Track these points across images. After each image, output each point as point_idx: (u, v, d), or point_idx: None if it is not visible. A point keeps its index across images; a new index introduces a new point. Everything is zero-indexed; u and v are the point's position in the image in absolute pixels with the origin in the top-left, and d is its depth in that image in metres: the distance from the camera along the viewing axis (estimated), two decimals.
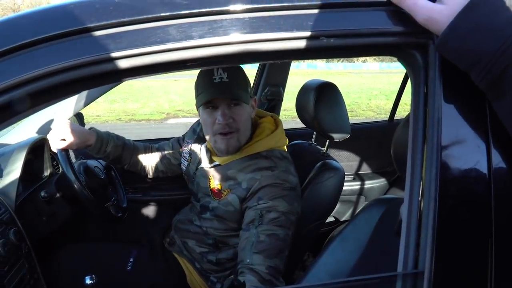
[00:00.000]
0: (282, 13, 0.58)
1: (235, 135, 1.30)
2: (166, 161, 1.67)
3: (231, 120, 1.27)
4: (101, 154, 1.54)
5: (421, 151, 0.61)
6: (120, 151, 1.57)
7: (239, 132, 1.30)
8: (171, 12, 0.55)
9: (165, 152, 1.66)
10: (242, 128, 1.31)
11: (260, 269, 1.14)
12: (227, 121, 1.27)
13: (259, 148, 1.34)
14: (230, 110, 1.27)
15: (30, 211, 1.43)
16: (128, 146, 1.61)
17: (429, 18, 0.58)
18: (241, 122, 1.30)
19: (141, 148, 1.66)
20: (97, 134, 1.51)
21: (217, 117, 1.27)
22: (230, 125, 1.28)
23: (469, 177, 0.60)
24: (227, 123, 1.27)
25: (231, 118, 1.27)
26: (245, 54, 0.58)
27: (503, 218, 0.60)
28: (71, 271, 1.43)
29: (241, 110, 1.29)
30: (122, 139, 1.61)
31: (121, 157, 1.59)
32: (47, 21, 0.54)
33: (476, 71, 0.56)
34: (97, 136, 1.50)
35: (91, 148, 1.51)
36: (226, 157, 1.36)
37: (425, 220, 0.59)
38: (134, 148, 1.63)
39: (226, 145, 1.31)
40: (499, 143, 0.60)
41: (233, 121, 1.28)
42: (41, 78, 0.51)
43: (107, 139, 1.53)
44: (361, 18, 0.60)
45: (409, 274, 0.58)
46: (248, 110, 1.33)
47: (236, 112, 1.28)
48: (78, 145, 1.45)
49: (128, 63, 0.54)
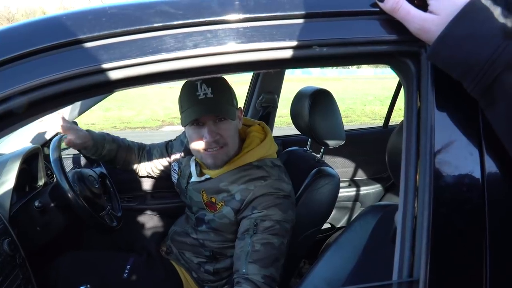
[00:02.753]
0: (275, 22, 0.58)
1: (224, 149, 1.29)
2: (153, 166, 1.70)
3: (218, 136, 1.26)
4: (97, 156, 1.58)
5: (415, 158, 0.61)
6: (114, 153, 1.61)
7: (228, 146, 1.29)
8: (165, 22, 0.55)
9: (154, 157, 1.69)
10: (230, 142, 1.30)
11: (255, 278, 1.13)
12: (215, 138, 1.25)
13: (250, 158, 1.33)
14: (216, 126, 1.26)
15: (24, 221, 1.42)
16: (122, 148, 1.64)
17: (421, 28, 0.59)
18: (229, 137, 1.29)
19: (135, 149, 1.68)
20: (93, 137, 1.54)
21: (204, 134, 1.25)
22: (218, 141, 1.27)
23: (463, 184, 0.61)
24: (214, 139, 1.25)
25: (218, 135, 1.26)
26: (239, 64, 0.58)
27: (497, 225, 0.60)
28: (67, 280, 1.42)
29: (227, 125, 1.28)
30: (117, 141, 1.63)
31: (115, 159, 1.63)
32: (40, 33, 0.54)
33: (468, 79, 0.56)
34: (93, 141, 1.53)
35: (87, 150, 1.54)
36: (217, 170, 1.35)
37: (419, 228, 0.59)
38: (127, 149, 1.66)
39: (214, 160, 1.30)
40: (492, 150, 0.61)
41: (221, 137, 1.27)
42: (35, 89, 0.51)
43: (103, 143, 1.56)
44: (354, 27, 0.61)
45: (404, 283, 0.58)
46: (234, 124, 1.31)
47: (223, 127, 1.27)
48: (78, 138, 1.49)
49: (121, 73, 0.54)
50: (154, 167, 1.69)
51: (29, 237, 1.41)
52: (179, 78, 0.59)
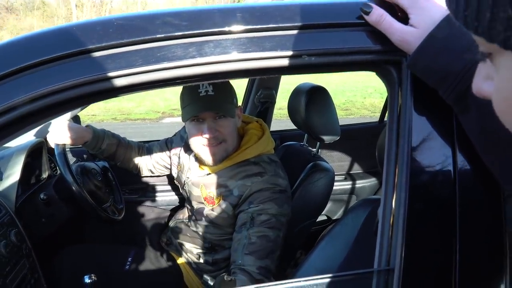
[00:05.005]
0: (268, 34, 0.63)
1: (222, 145, 1.34)
2: (154, 162, 1.71)
3: (217, 133, 1.31)
4: (96, 150, 1.59)
5: (394, 158, 0.67)
6: (114, 148, 1.62)
7: (226, 142, 1.34)
8: (167, 34, 0.60)
9: (154, 153, 1.71)
10: (228, 139, 1.34)
11: (251, 269, 1.18)
12: (214, 134, 1.30)
13: (248, 155, 1.37)
14: (216, 123, 1.31)
15: (30, 213, 1.47)
16: (122, 144, 1.66)
17: (402, 39, 0.64)
18: (228, 134, 1.33)
19: (135, 147, 1.70)
20: (94, 131, 1.56)
21: (204, 130, 1.30)
22: (217, 137, 1.32)
23: (436, 182, 0.66)
24: (213, 136, 1.30)
25: (217, 131, 1.31)
26: (235, 71, 0.63)
27: (466, 220, 0.66)
28: (71, 271, 1.47)
29: (226, 122, 1.32)
30: (117, 137, 1.66)
31: (115, 154, 1.63)
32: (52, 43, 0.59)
33: (443, 87, 0.61)
34: (93, 134, 1.55)
35: (87, 145, 1.55)
36: (216, 166, 1.39)
37: (396, 222, 0.64)
38: (128, 146, 1.68)
39: (213, 155, 1.35)
40: (464, 151, 0.66)
41: (219, 134, 1.32)
42: (47, 95, 0.56)
43: (103, 137, 1.58)
44: (342, 37, 0.65)
45: (382, 271, 0.64)
46: (234, 121, 1.36)
47: (222, 124, 1.32)
48: (75, 141, 1.50)
49: (126, 81, 0.59)
50: (155, 163, 1.71)
51: (35, 228, 1.46)
52: (180, 84, 0.64)
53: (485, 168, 0.62)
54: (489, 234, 0.68)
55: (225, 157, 1.37)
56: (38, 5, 34.71)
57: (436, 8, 0.62)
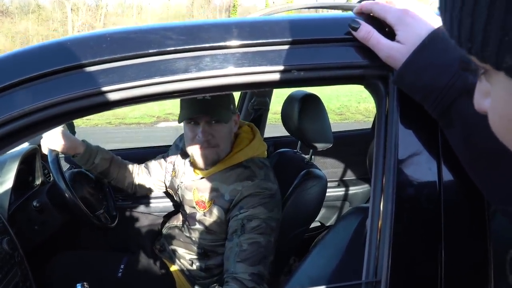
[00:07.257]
0: (259, 49, 0.65)
1: (214, 150, 1.36)
2: (155, 180, 1.70)
3: (210, 136, 1.34)
4: (89, 165, 1.57)
5: (382, 171, 0.68)
6: (107, 164, 1.61)
7: (219, 147, 1.37)
8: (159, 48, 0.61)
9: (152, 172, 1.70)
10: (221, 144, 1.37)
11: (243, 277, 1.19)
12: (207, 138, 1.33)
13: (239, 158, 1.39)
14: (210, 127, 1.33)
15: (22, 220, 1.47)
16: (115, 161, 1.65)
17: (389, 55, 0.66)
18: (221, 139, 1.36)
19: (129, 166, 1.69)
20: (87, 145, 1.56)
21: (198, 133, 1.33)
22: (210, 142, 1.34)
23: (422, 194, 0.68)
24: (206, 139, 1.33)
25: (210, 135, 1.33)
26: (227, 86, 0.65)
27: (451, 233, 0.67)
28: (63, 278, 1.47)
29: (221, 127, 1.35)
30: (111, 154, 1.65)
31: (108, 171, 1.62)
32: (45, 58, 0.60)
33: (428, 102, 0.63)
34: (87, 147, 1.55)
35: (79, 158, 1.54)
36: (208, 170, 1.41)
37: (383, 234, 0.66)
38: (121, 163, 1.67)
39: (205, 158, 1.37)
40: (449, 164, 0.68)
41: (213, 138, 1.34)
42: (40, 110, 0.57)
43: (96, 151, 1.57)
44: (330, 52, 0.67)
45: (370, 283, 0.65)
46: (229, 127, 1.38)
47: (216, 129, 1.34)
48: (68, 150, 1.49)
49: (118, 95, 0.60)
50: (156, 180, 1.69)
51: (27, 235, 1.46)
52: (174, 98, 0.66)
53: (470, 181, 0.63)
54: (474, 246, 0.70)
55: (216, 160, 1.39)
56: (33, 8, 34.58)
57: (421, 25, 0.64)
